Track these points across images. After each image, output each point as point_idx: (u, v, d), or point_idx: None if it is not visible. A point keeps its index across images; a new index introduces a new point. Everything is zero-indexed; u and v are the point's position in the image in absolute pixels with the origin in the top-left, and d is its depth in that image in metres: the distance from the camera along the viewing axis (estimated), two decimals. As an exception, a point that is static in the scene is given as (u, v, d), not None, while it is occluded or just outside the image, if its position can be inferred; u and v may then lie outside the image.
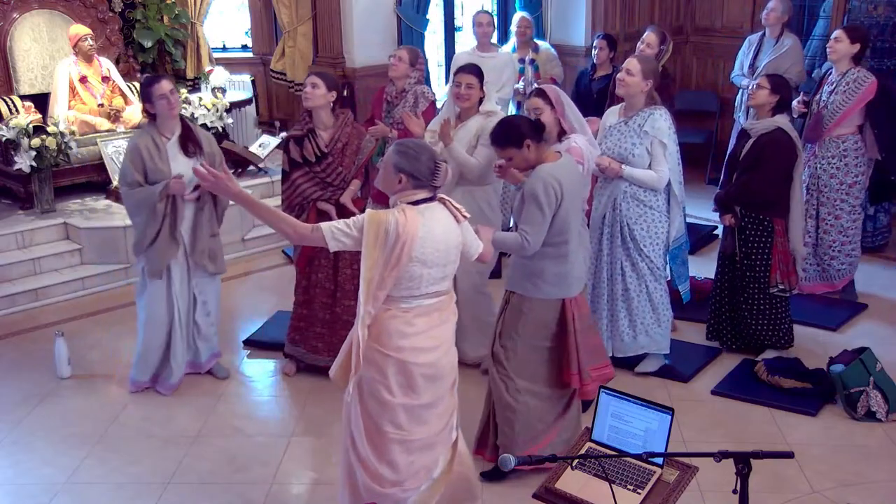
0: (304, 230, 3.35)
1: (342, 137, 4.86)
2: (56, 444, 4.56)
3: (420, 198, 3.31)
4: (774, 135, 4.98)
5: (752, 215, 5.09)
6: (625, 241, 4.86)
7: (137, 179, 4.70)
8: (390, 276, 3.22)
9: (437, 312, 3.40)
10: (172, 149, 4.75)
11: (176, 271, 4.86)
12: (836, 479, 4.20)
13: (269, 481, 4.24)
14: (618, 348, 5.04)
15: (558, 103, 4.46)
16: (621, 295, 4.94)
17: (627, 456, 3.32)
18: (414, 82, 5.92)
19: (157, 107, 4.70)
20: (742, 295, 5.21)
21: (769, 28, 7.27)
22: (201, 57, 8.27)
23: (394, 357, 3.33)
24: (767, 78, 5.10)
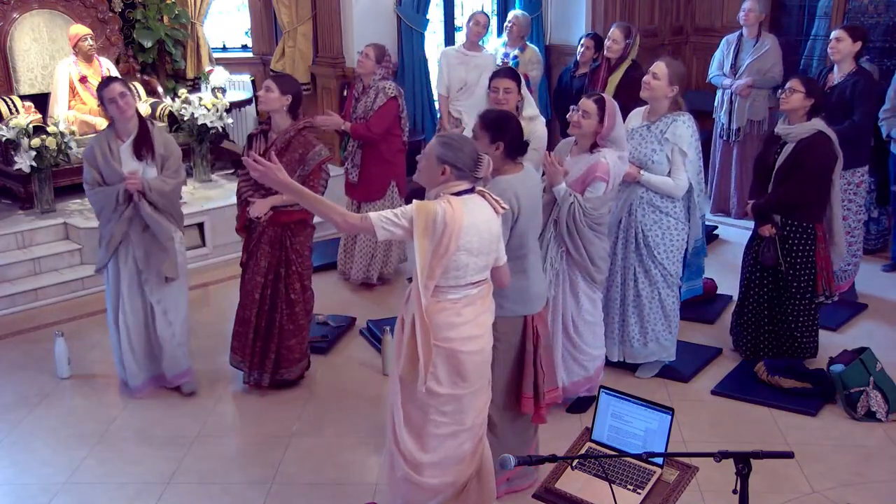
0: (353, 220, 3.35)
1: (280, 143, 4.73)
2: (56, 444, 4.56)
3: (462, 189, 3.33)
4: (816, 139, 4.84)
5: (794, 223, 4.94)
6: (639, 247, 4.82)
7: (95, 178, 4.71)
8: (438, 266, 3.24)
9: (481, 301, 3.43)
10: (125, 152, 4.71)
11: (125, 274, 4.80)
12: (836, 479, 4.19)
13: (268, 481, 4.24)
14: (627, 354, 5.01)
15: (610, 118, 4.31)
16: (633, 301, 4.90)
17: (627, 456, 3.33)
18: (378, 79, 6.05)
19: (108, 110, 4.69)
20: (788, 307, 5.05)
21: (748, 28, 7.35)
22: (201, 57, 8.27)
23: (444, 347, 3.34)
24: (801, 81, 4.91)
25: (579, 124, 4.35)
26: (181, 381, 5.03)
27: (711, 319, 5.84)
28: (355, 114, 6.13)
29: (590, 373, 4.65)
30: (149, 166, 4.73)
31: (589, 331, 4.58)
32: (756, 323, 5.18)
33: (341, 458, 4.42)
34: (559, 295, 4.47)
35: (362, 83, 6.15)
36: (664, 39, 9.04)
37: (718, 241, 7.27)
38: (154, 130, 4.83)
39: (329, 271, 6.66)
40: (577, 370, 4.62)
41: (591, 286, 4.51)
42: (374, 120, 6.05)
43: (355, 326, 5.86)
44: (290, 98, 4.75)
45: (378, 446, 4.48)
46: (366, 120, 6.05)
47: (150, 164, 4.74)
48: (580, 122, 4.34)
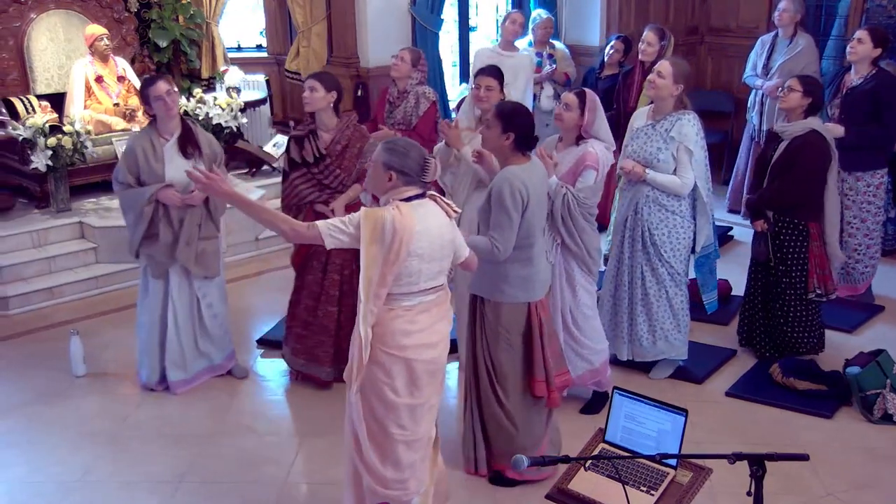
0: (300, 228, 3.35)
1: (342, 140, 4.80)
2: (70, 441, 4.59)
3: (411, 194, 3.31)
4: (809, 137, 4.89)
5: (787, 220, 5.00)
6: (645, 245, 4.82)
7: (128, 181, 4.70)
8: (390, 273, 3.22)
9: (437, 308, 3.42)
10: (170, 150, 4.73)
11: (174, 274, 4.85)
12: (850, 481, 4.17)
13: (280, 481, 4.24)
14: (637, 353, 5.00)
15: (591, 111, 4.40)
16: (641, 300, 4.90)
17: (641, 457, 3.31)
18: (415, 83, 5.94)
19: (154, 108, 4.70)
20: (778, 301, 5.11)
21: (782, 28, 7.23)
22: (216, 57, 8.30)
23: (399, 356, 3.33)
24: (799, 80, 4.97)
25: (561, 117, 4.43)
26: (230, 364, 5.15)
27: (725, 321, 5.81)
28: (391, 119, 5.99)
29: (595, 366, 4.65)
30: (197, 164, 4.72)
31: (588, 324, 4.60)
32: (751, 316, 5.29)
33: (354, 457, 4.41)
34: (556, 288, 4.49)
35: (397, 87, 5.99)
36: (678, 40, 8.97)
37: (734, 242, 7.23)
38: (196, 128, 4.87)
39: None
40: (580, 364, 4.63)
41: (587, 278, 4.55)
42: (421, 126, 5.97)
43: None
44: (336, 94, 4.78)
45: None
46: (406, 126, 5.94)
47: (199, 162, 4.75)
48: (562, 114, 4.42)
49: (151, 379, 5.03)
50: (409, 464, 3.45)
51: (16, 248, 6.37)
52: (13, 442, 4.59)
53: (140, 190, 4.69)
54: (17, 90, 7.13)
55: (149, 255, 4.82)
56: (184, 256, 4.78)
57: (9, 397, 5.02)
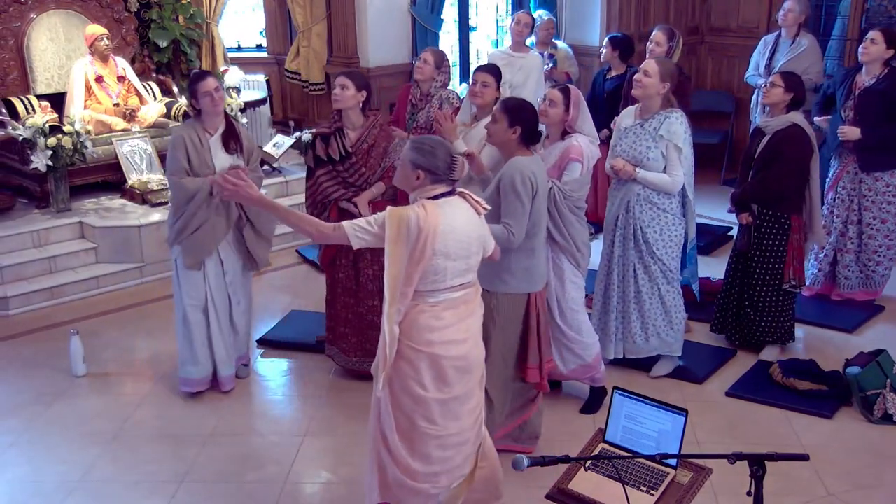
0: (326, 229, 3.38)
1: (369, 139, 4.83)
2: (71, 442, 4.59)
3: (439, 192, 3.33)
4: (790, 131, 4.99)
5: (769, 212, 5.09)
6: (637, 243, 4.85)
7: (184, 167, 4.71)
8: (416, 271, 3.24)
9: (465, 305, 3.42)
10: (215, 145, 4.79)
11: (210, 267, 4.85)
12: (851, 481, 4.17)
13: (282, 480, 4.25)
14: (630, 350, 5.02)
15: (575, 107, 4.45)
16: (633, 297, 4.92)
17: (641, 457, 3.31)
18: (439, 86, 5.87)
19: (201, 103, 4.74)
20: (750, 291, 5.22)
21: (786, 28, 7.21)
22: (216, 57, 8.30)
23: (425, 352, 3.33)
24: (781, 76, 5.10)
25: (546, 113, 4.46)
26: (241, 365, 5.16)
27: (726, 321, 5.81)
28: (415, 122, 5.93)
29: (587, 361, 4.66)
30: (238, 159, 4.83)
31: (575, 318, 4.62)
32: (725, 304, 5.39)
33: (354, 457, 4.42)
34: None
35: (419, 90, 5.89)
36: (679, 40, 9.00)
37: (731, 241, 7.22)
38: (238, 124, 4.95)
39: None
40: (571, 358, 4.65)
41: (576, 272, 4.58)
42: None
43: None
44: (365, 93, 4.82)
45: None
46: (429, 129, 5.85)
47: (240, 157, 4.84)
48: (546, 110, 4.46)
49: (197, 376, 4.93)
50: (439, 458, 3.44)
51: (16, 248, 6.37)
52: (13, 442, 4.59)
53: (201, 179, 4.69)
54: (17, 90, 7.13)
55: (188, 245, 4.77)
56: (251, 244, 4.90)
57: (9, 397, 5.02)
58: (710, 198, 7.74)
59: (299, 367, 5.37)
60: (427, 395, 3.37)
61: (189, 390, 4.97)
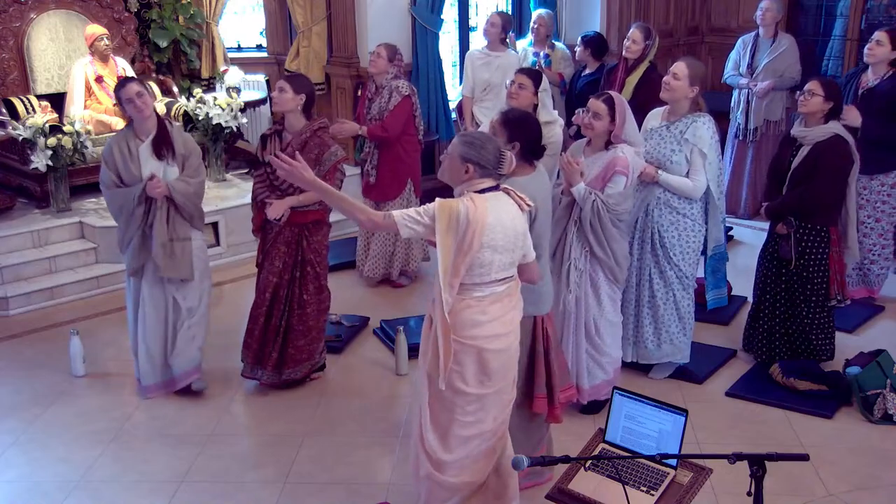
0: (377, 218, 3.40)
1: (296, 144, 4.72)
2: (71, 441, 4.59)
3: (486, 186, 3.35)
4: (832, 142, 4.79)
5: (809, 226, 4.89)
6: (654, 247, 4.80)
7: (114, 180, 4.70)
8: (463, 263, 3.26)
9: (508, 298, 3.44)
10: (144, 152, 4.71)
11: (147, 273, 4.81)
12: (851, 482, 4.17)
13: (281, 480, 4.25)
14: (641, 355, 4.99)
15: (621, 116, 4.31)
16: (648, 302, 4.88)
17: (641, 457, 3.32)
18: (391, 77, 6.00)
19: (126, 110, 4.71)
20: (801, 308, 5.00)
21: (764, 28, 7.28)
22: (216, 57, 8.29)
23: (470, 345, 3.35)
24: (820, 84, 4.84)
25: (591, 126, 4.35)
26: (190, 378, 5.01)
27: (726, 321, 5.80)
28: (370, 114, 6.11)
29: (609, 376, 4.64)
30: (169, 166, 4.75)
31: (610, 332, 4.57)
32: (770, 325, 5.13)
33: (354, 457, 4.42)
34: (581, 297, 4.46)
35: (375, 83, 6.11)
36: (679, 39, 9.00)
37: (733, 242, 7.22)
38: (173, 129, 4.84)
39: (346, 270, 6.66)
40: (598, 373, 4.60)
41: (612, 286, 4.50)
42: (389, 120, 6.04)
43: (369, 326, 5.86)
44: (304, 97, 4.75)
45: (391, 446, 4.49)
46: (381, 120, 6.04)
47: (171, 164, 4.75)
48: (592, 123, 4.34)
49: (146, 382, 4.98)
50: (467, 452, 3.46)
51: (16, 248, 6.37)
52: (14, 442, 4.59)
53: (127, 190, 4.69)
54: (17, 90, 7.13)
55: (126, 255, 4.82)
56: (158, 258, 4.72)
57: (9, 397, 5.02)
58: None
59: (299, 367, 5.36)
60: (467, 388, 3.39)
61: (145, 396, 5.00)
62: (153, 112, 4.76)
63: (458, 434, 3.44)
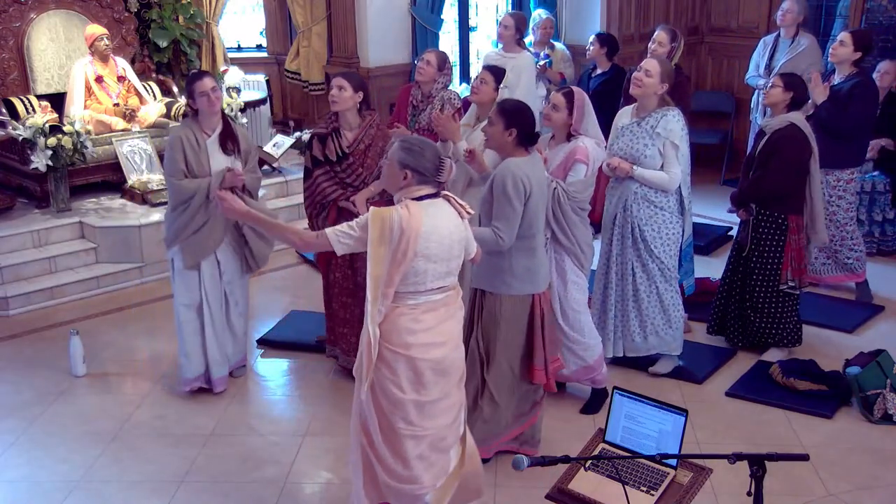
0: (309, 237, 3.44)
1: (365, 139, 4.83)
2: (71, 441, 4.59)
3: (424, 193, 3.33)
4: (787, 131, 4.98)
5: (766, 212, 5.08)
6: (635, 242, 4.85)
7: (182, 168, 4.70)
8: (397, 273, 3.24)
9: (444, 307, 3.41)
10: (212, 146, 4.77)
11: (206, 268, 4.83)
12: (851, 482, 4.17)
13: (282, 480, 4.25)
14: (629, 348, 5.03)
15: (578, 111, 4.46)
16: (632, 296, 4.93)
17: (641, 457, 3.32)
18: (441, 87, 5.84)
19: (198, 103, 4.72)
20: (750, 292, 5.21)
21: (784, 29, 7.23)
22: (216, 57, 8.30)
23: (403, 354, 3.34)
24: (780, 76, 5.13)
25: (550, 117, 4.51)
26: (239, 366, 5.16)
27: (726, 321, 5.81)
28: (417, 124, 5.90)
29: (588, 362, 4.67)
30: (236, 160, 4.82)
31: (577, 319, 4.63)
32: (724, 305, 5.36)
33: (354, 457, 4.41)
34: None
35: (421, 91, 5.81)
36: (679, 40, 8.99)
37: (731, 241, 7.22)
38: (235, 125, 4.93)
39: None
40: (572, 359, 4.66)
41: (578, 273, 4.59)
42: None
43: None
44: (362, 94, 4.83)
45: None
46: (431, 131, 5.85)
47: (237, 159, 4.83)
48: (550, 114, 4.50)
49: (190, 375, 4.94)
50: (418, 458, 3.44)
51: (16, 248, 6.37)
52: (14, 442, 4.59)
53: (201, 181, 4.68)
54: (17, 90, 7.13)
55: (186, 246, 4.77)
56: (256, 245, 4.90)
57: (9, 397, 5.02)
58: (710, 198, 7.73)
59: (299, 367, 5.37)
60: (404, 396, 3.37)
61: (182, 389, 4.98)
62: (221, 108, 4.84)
63: (403, 440, 3.40)
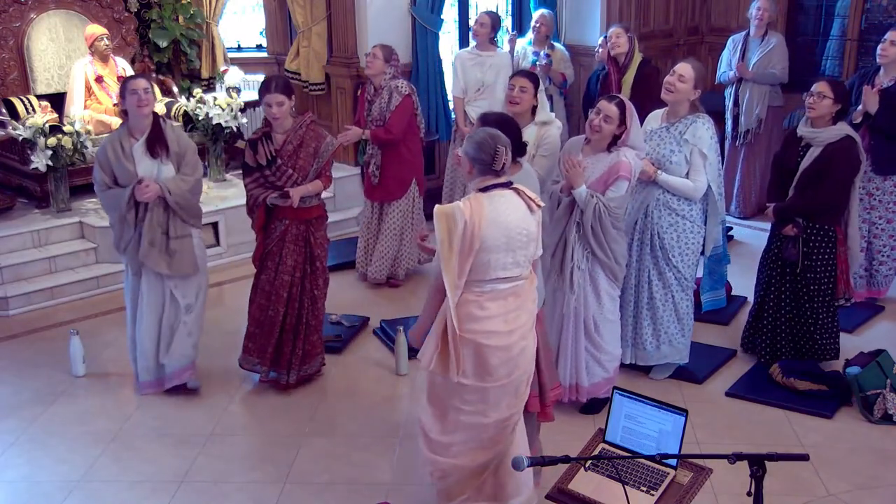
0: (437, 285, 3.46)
1: (294, 140, 4.77)
2: (71, 442, 4.59)
3: (489, 184, 3.37)
4: (844, 143, 4.80)
5: (816, 225, 4.89)
6: (654, 249, 4.80)
7: (105, 180, 4.70)
8: (466, 263, 3.30)
9: (513, 297, 3.44)
10: (138, 150, 4.69)
11: (146, 271, 4.80)
12: (852, 481, 4.17)
13: (281, 481, 4.25)
14: (640, 357, 5.00)
15: (633, 122, 4.34)
16: (647, 303, 4.89)
17: (641, 457, 3.32)
18: (389, 78, 5.99)
19: (126, 102, 4.67)
20: (806, 308, 5.00)
21: (757, 27, 7.28)
22: (216, 57, 8.29)
23: (468, 339, 3.37)
24: (829, 86, 4.81)
25: (600, 128, 4.33)
26: (184, 376, 5.00)
27: (725, 321, 5.80)
28: (370, 116, 6.09)
29: (609, 374, 4.65)
30: (164, 164, 4.73)
31: (609, 330, 4.59)
32: (774, 325, 5.11)
33: (354, 457, 4.42)
34: (581, 296, 4.47)
35: (373, 85, 6.09)
36: (679, 39, 9.00)
37: (733, 242, 7.22)
38: (166, 128, 4.82)
39: (346, 270, 6.66)
40: (598, 371, 4.61)
41: (612, 284, 4.53)
42: (392, 121, 6.04)
43: (369, 326, 5.86)
44: (294, 99, 4.83)
45: (391, 446, 4.49)
46: (382, 122, 6.03)
47: (166, 162, 4.74)
48: (601, 126, 4.32)
49: (144, 378, 5.00)
50: (463, 437, 3.48)
51: (16, 248, 6.37)
52: (14, 442, 4.59)
53: (119, 191, 4.68)
54: (17, 90, 7.13)
55: (126, 252, 4.81)
56: (149, 258, 4.71)
57: (9, 397, 5.02)
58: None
59: (299, 367, 5.37)
60: (466, 381, 3.41)
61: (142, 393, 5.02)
62: (151, 112, 4.75)
63: (455, 419, 3.47)
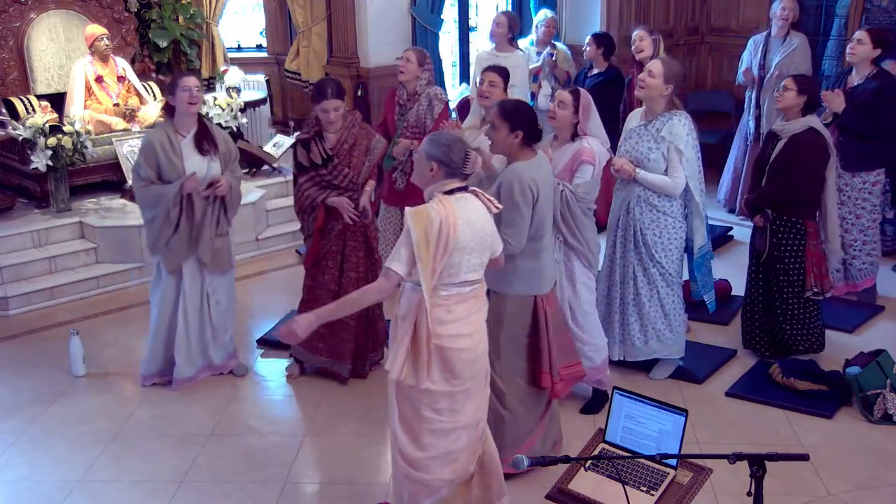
0: (377, 285, 3.40)
1: (349, 139, 4.84)
2: (71, 441, 4.59)
3: (453, 187, 3.36)
4: (807, 135, 4.92)
5: (784, 218, 5.02)
6: (637, 245, 4.84)
7: (149, 175, 4.71)
8: (439, 265, 3.28)
9: (474, 299, 3.45)
10: (187, 147, 4.76)
11: (187, 268, 4.88)
12: (851, 482, 4.17)
13: (282, 480, 4.25)
14: (629, 353, 5.01)
15: (585, 110, 4.44)
16: (633, 300, 4.91)
17: (641, 457, 3.32)
18: (425, 84, 5.83)
19: (177, 98, 4.70)
20: (776, 301, 5.12)
21: (780, 27, 7.26)
22: (216, 57, 8.30)
23: (434, 344, 3.36)
24: (794, 79, 5.01)
25: (555, 115, 4.47)
26: (231, 364, 5.18)
27: (725, 321, 5.81)
28: (404, 123, 5.85)
29: (596, 363, 4.67)
30: (213, 161, 4.80)
31: (587, 320, 4.63)
32: (750, 315, 5.28)
33: (355, 457, 4.42)
34: (557, 284, 4.50)
35: (406, 90, 5.86)
36: (679, 39, 9.00)
37: (733, 242, 7.23)
38: (212, 126, 4.91)
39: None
40: (582, 361, 4.62)
41: (587, 273, 4.58)
42: (436, 128, 5.91)
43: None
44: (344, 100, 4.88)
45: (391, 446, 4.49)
46: (420, 128, 5.83)
47: (214, 159, 4.81)
48: (556, 112, 4.46)
49: (148, 371, 5.06)
50: (440, 449, 3.47)
51: (16, 248, 6.37)
52: (14, 442, 4.59)
53: (164, 188, 4.70)
54: (17, 90, 7.13)
55: (166, 250, 4.82)
56: (204, 251, 4.84)
57: (9, 397, 5.02)
58: (710, 198, 7.72)
59: (299, 367, 5.37)
60: (434, 386, 3.39)
61: (144, 384, 5.08)
62: (198, 110, 4.83)
63: (428, 430, 3.45)
